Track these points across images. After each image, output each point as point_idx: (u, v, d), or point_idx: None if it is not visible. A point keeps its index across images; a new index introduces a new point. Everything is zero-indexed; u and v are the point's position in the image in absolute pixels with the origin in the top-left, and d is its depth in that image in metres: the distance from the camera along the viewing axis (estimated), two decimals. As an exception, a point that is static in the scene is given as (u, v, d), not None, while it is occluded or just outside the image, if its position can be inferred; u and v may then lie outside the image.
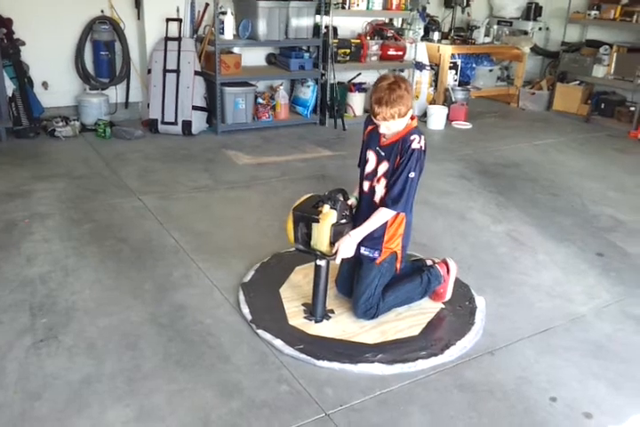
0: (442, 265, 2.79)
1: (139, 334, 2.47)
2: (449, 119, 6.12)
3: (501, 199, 4.15)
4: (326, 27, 5.60)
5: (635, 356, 2.52)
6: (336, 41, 5.72)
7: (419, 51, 6.27)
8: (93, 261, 3.05)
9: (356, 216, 2.59)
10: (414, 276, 2.72)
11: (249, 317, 2.59)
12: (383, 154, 2.50)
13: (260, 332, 2.49)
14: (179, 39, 5.22)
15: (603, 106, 6.42)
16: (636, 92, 6.14)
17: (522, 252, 3.40)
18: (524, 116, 6.68)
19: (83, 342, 2.40)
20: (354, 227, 2.48)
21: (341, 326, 2.59)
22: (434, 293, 2.80)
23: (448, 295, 2.79)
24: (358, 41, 5.93)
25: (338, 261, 2.46)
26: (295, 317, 2.63)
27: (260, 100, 5.55)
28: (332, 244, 2.43)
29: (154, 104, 5.27)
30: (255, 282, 2.87)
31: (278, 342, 2.42)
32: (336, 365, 2.31)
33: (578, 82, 6.65)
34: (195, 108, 5.21)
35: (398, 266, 2.64)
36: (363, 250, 2.55)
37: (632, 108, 6.15)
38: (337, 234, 2.42)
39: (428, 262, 2.83)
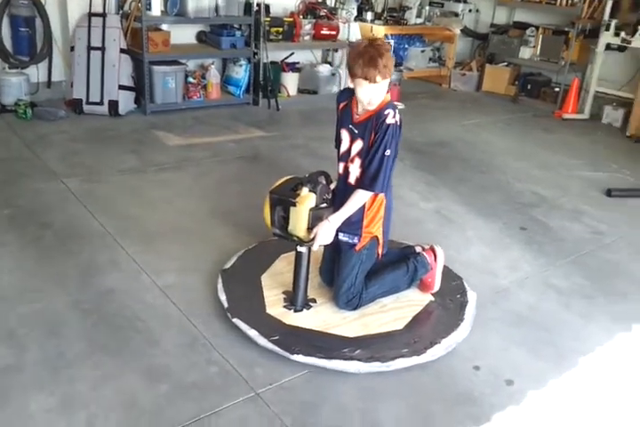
0: (429, 253, 2.65)
1: (62, 322, 2.39)
2: (382, 99, 6.15)
3: (431, 178, 4.24)
4: (258, 4, 5.48)
5: (554, 324, 2.64)
6: (268, 19, 5.62)
7: (352, 31, 6.25)
8: (14, 248, 2.92)
9: (333, 200, 2.45)
10: (400, 264, 2.59)
11: (226, 304, 2.46)
12: (357, 131, 2.35)
13: (235, 321, 2.37)
14: (103, 15, 4.99)
15: (529, 87, 6.62)
16: (560, 74, 6.36)
17: (451, 229, 3.50)
18: (455, 97, 6.81)
19: (2, 331, 2.30)
20: (334, 211, 2.36)
21: (322, 316, 2.47)
22: (422, 282, 2.68)
23: (437, 286, 2.67)
24: (291, 19, 5.85)
25: (315, 247, 2.34)
26: (274, 305, 2.51)
27: (190, 80, 5.40)
28: (310, 229, 2.30)
29: (78, 83, 5.04)
30: (236, 269, 2.74)
31: (253, 333, 2.30)
32: (310, 360, 2.20)
33: (506, 63, 6.82)
34: (121, 87, 5.02)
35: (380, 251, 2.51)
36: (341, 236, 2.42)
37: (557, 89, 6.37)
38: (316, 219, 2.30)
39: (417, 249, 2.69)
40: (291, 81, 6.00)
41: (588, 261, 3.22)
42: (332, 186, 2.49)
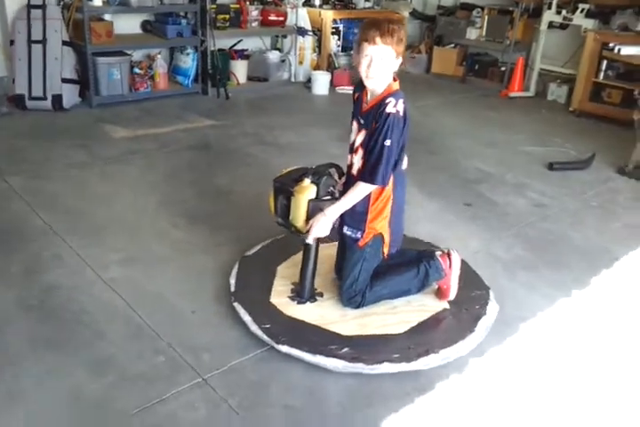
0: (444, 257, 2.50)
1: (5, 319, 2.35)
2: (333, 84, 6.19)
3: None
4: (203, -9, 5.42)
5: (501, 295, 2.67)
6: (214, 6, 5.56)
7: (300, 16, 6.23)
8: (-47, 247, 2.86)
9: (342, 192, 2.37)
10: (411, 266, 2.47)
11: (232, 288, 2.50)
12: (363, 122, 2.27)
13: (235, 305, 2.40)
14: (43, 6, 4.85)
15: (476, 67, 6.72)
16: (505, 53, 6.46)
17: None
18: (406, 79, 6.70)
19: (-60, 333, 2.27)
20: None
21: (322, 311, 2.43)
22: (439, 289, 2.56)
23: (452, 294, 2.52)
24: (237, 6, 5.80)
25: (310, 240, 2.32)
26: (279, 295, 2.50)
27: (136, 70, 5.32)
28: (308, 220, 2.28)
29: (20, 78, 4.90)
30: (257, 256, 2.77)
31: (247, 318, 2.32)
32: (295, 351, 2.18)
33: (453, 45, 6.89)
34: (65, 80, 4.91)
35: (386, 251, 2.39)
36: (345, 229, 2.37)
37: (503, 69, 6.48)
38: (316, 210, 2.26)
39: (437, 253, 2.53)
40: (240, 68, 5.96)
41: (530, 233, 3.32)
42: (343, 179, 2.44)
